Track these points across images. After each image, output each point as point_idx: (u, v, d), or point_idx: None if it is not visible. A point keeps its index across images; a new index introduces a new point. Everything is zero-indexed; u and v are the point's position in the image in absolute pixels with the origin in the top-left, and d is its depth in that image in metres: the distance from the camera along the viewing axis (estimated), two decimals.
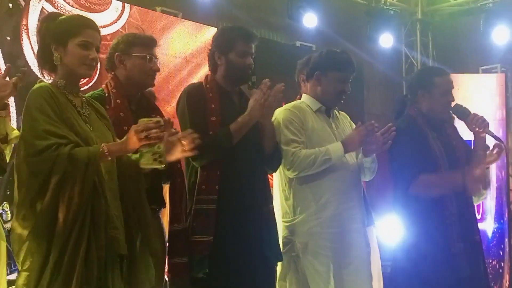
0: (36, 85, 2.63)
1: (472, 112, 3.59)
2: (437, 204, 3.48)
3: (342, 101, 3.65)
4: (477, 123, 3.54)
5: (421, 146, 3.53)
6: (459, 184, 3.45)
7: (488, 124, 3.55)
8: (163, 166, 2.63)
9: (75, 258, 2.44)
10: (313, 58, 3.68)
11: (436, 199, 3.48)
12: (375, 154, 3.58)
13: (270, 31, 8.08)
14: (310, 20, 7.83)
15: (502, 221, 8.16)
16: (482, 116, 3.58)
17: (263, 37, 7.82)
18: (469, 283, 3.47)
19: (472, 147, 3.71)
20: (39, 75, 2.84)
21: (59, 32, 2.66)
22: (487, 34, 8.64)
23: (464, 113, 3.60)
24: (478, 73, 8.91)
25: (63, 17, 2.75)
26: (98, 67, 3.42)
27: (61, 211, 2.44)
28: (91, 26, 2.72)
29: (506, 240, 8.16)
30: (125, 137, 2.59)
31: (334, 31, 8.14)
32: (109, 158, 2.56)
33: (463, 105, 3.66)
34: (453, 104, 3.63)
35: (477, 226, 3.66)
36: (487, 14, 8.62)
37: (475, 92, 8.27)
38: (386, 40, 8.80)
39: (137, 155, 2.64)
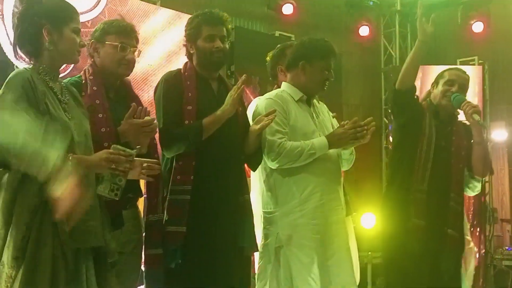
0: (16, 70, 2.55)
1: (466, 101, 3.69)
2: (408, 176, 3.69)
3: (324, 89, 3.66)
4: (466, 109, 3.64)
5: (414, 121, 3.74)
6: (420, 38, 3.73)
7: (477, 110, 3.63)
8: (117, 198, 2.60)
9: (34, 255, 2.39)
10: (295, 48, 3.67)
11: (409, 171, 3.68)
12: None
13: (249, 20, 8.04)
14: (289, 10, 7.82)
15: None
16: (473, 103, 3.69)
17: (242, 27, 7.79)
18: (428, 259, 3.63)
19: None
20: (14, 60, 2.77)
21: (54, 16, 2.61)
22: (465, 27, 8.69)
23: (458, 102, 3.70)
24: (456, 65, 8.96)
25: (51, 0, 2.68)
26: None
27: (16, 211, 2.40)
28: (77, 12, 2.70)
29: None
30: (94, 157, 2.56)
31: (313, 21, 8.13)
32: (70, 169, 2.43)
33: (460, 95, 3.75)
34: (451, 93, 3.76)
35: (455, 220, 3.73)
36: (465, 6, 8.67)
37: None
38: (364, 31, 8.82)
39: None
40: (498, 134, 8.95)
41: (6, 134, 2.33)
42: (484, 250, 8.10)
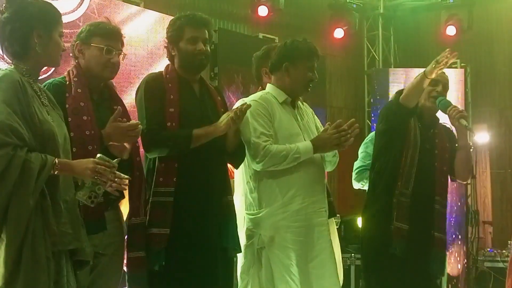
0: (4, 71, 2.53)
1: (452, 105, 3.69)
2: (393, 179, 3.68)
3: (309, 90, 3.66)
4: (453, 114, 3.65)
5: (398, 124, 3.73)
6: (426, 73, 3.60)
7: (463, 115, 3.64)
8: (92, 205, 2.60)
9: (34, 256, 2.41)
10: (278, 50, 3.66)
11: (393, 175, 3.68)
12: None
13: (233, 22, 8.04)
14: (272, 12, 7.84)
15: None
16: (459, 108, 3.72)
17: (226, 29, 7.79)
18: (408, 268, 3.62)
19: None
20: None
21: (45, 19, 2.61)
22: (447, 30, 8.74)
23: (444, 106, 3.71)
24: None
25: (37, 2, 2.66)
26: None
27: (12, 214, 2.40)
28: (61, 15, 2.71)
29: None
30: (80, 163, 2.55)
31: (297, 23, 8.15)
32: (56, 173, 2.49)
33: (445, 98, 3.76)
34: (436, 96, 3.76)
35: (439, 223, 3.76)
36: (447, 9, 8.73)
37: None
38: (347, 34, 8.85)
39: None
40: (480, 137, 9.01)
41: None
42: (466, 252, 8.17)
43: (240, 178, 3.73)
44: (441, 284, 3.93)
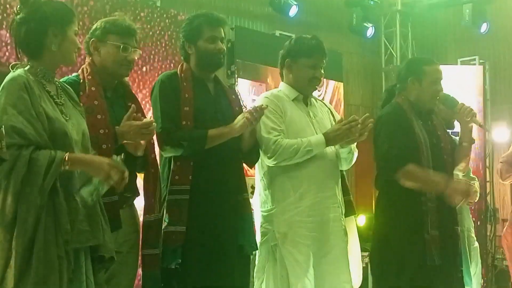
0: (12, 74, 2.56)
1: (459, 102, 3.62)
2: (415, 190, 3.50)
3: (316, 88, 3.64)
4: (465, 113, 3.56)
5: (407, 133, 3.55)
6: (440, 191, 3.46)
7: (475, 113, 3.59)
8: (91, 203, 2.59)
9: (45, 254, 2.41)
10: (284, 46, 3.65)
11: None
12: (354, 144, 3.60)
13: (250, 20, 8.03)
14: (290, 9, 7.82)
15: None
16: (469, 106, 3.62)
17: (243, 26, 7.78)
18: (440, 272, 3.50)
19: (458, 139, 3.76)
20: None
21: (59, 18, 2.62)
22: (466, 26, 8.68)
23: (452, 103, 3.64)
24: (457, 64, 8.95)
25: (51, 1, 2.67)
26: None
27: (20, 212, 2.42)
28: (76, 14, 2.72)
29: None
30: (95, 161, 2.56)
31: (314, 21, 8.13)
32: (67, 168, 2.49)
33: (450, 95, 3.69)
34: (441, 93, 3.66)
35: (457, 216, 3.67)
36: (467, 6, 8.66)
37: (454, 83, 8.31)
38: (366, 31, 8.81)
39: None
40: (499, 134, 8.93)
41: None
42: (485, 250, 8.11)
43: (256, 176, 3.72)
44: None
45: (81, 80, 3.05)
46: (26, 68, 2.59)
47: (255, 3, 8.10)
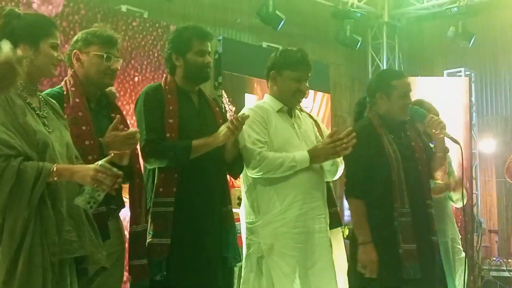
0: None
1: (428, 114, 3.61)
2: (386, 203, 3.50)
3: (300, 100, 3.64)
4: (434, 125, 3.56)
5: (374, 149, 3.55)
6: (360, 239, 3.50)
7: (444, 125, 3.57)
8: (91, 210, 2.61)
9: (29, 266, 2.40)
10: (270, 58, 3.65)
11: (384, 198, 3.51)
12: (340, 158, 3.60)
13: (237, 31, 8.07)
14: (277, 21, 7.85)
15: None
16: (438, 118, 3.61)
17: (230, 38, 7.81)
18: (421, 285, 3.48)
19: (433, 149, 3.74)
20: None
21: (31, 32, 2.61)
22: (453, 38, 8.75)
23: (420, 116, 3.63)
24: (442, 76, 9.01)
25: (27, 14, 2.68)
26: None
27: (8, 224, 2.41)
28: (56, 26, 2.71)
29: None
30: (81, 168, 2.55)
31: (301, 32, 8.17)
32: (55, 179, 2.48)
33: (420, 108, 3.69)
34: (410, 106, 3.65)
35: (433, 226, 3.65)
36: (452, 18, 8.73)
37: (440, 95, 8.37)
38: (352, 42, 8.86)
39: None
40: (485, 145, 8.99)
41: None
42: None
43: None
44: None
45: (65, 92, 3.05)
46: None
47: (242, 15, 8.14)
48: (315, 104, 8.25)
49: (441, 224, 4.14)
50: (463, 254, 4.53)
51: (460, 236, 4.60)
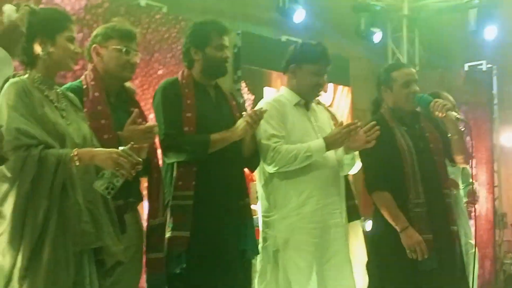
0: (11, 80, 2.58)
1: (433, 100, 3.60)
2: (401, 195, 3.53)
3: (318, 94, 3.64)
4: (438, 108, 3.55)
5: (387, 142, 3.57)
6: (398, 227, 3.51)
7: (450, 107, 3.56)
8: (109, 196, 2.62)
9: (55, 256, 2.44)
10: (289, 51, 3.67)
11: (399, 190, 3.54)
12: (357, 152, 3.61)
13: (256, 25, 8.04)
14: (297, 14, 7.82)
15: None
16: (443, 101, 3.61)
17: (249, 32, 7.79)
18: (439, 274, 3.49)
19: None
20: None
21: (47, 26, 2.65)
22: (474, 31, 8.67)
23: (425, 102, 3.62)
24: (464, 69, 8.96)
25: (43, 9, 2.73)
26: None
27: (30, 213, 2.44)
28: (72, 20, 2.75)
29: None
30: (101, 151, 2.58)
31: (321, 26, 8.13)
32: (77, 164, 2.52)
33: (425, 95, 3.69)
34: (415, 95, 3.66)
35: (452, 215, 3.66)
36: (474, 10, 8.65)
37: (462, 88, 8.33)
38: (373, 35, 8.81)
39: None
40: (507, 139, 8.92)
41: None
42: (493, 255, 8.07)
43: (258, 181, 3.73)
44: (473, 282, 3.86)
45: (84, 86, 3.08)
46: (25, 76, 2.64)
47: (261, 9, 8.11)
48: (336, 98, 8.23)
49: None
50: (474, 250, 4.53)
51: (471, 231, 4.59)
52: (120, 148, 2.59)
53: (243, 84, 7.01)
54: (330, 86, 7.91)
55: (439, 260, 3.49)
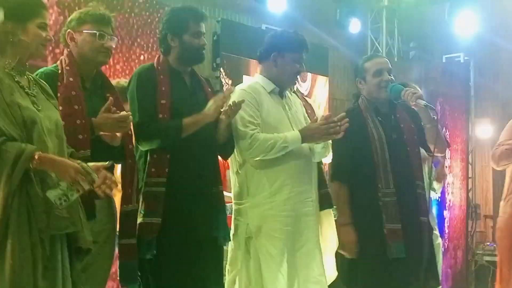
0: None
1: (403, 89, 3.64)
2: (370, 184, 3.59)
3: (295, 82, 3.67)
4: (409, 97, 3.59)
5: (359, 132, 3.63)
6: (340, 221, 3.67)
7: (419, 95, 3.60)
8: (60, 208, 2.58)
9: (19, 244, 2.44)
10: (268, 39, 3.68)
11: (369, 179, 3.60)
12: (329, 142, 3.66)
13: (236, 13, 8.03)
14: (277, 3, 7.83)
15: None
16: (412, 89, 3.65)
17: (229, 19, 7.78)
18: (405, 265, 3.55)
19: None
20: None
21: (17, 12, 2.64)
22: (452, 23, 8.73)
23: (397, 91, 3.66)
24: (442, 61, 9.02)
25: None
26: None
27: None
28: (46, 7, 2.74)
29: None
30: (64, 162, 2.56)
31: (301, 15, 8.14)
32: (36, 166, 2.49)
33: (397, 84, 3.72)
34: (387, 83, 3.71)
35: (424, 206, 3.71)
36: (451, 3, 8.71)
37: (439, 80, 8.40)
38: (352, 26, 8.84)
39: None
40: (483, 131, 9.00)
41: None
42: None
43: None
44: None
45: (59, 71, 3.07)
46: None
47: None
48: (315, 87, 8.26)
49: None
50: (440, 240, 4.65)
51: (436, 221, 4.69)
52: (82, 164, 2.57)
53: (222, 72, 7.01)
54: (309, 75, 7.92)
55: (407, 250, 3.54)
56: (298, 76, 3.67)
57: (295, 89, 4.07)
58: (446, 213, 8.09)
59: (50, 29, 2.78)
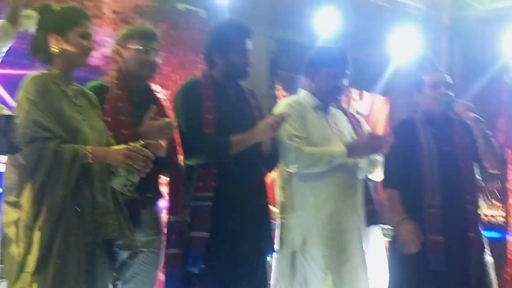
0: (32, 75, 2.70)
1: (456, 101, 3.66)
2: (415, 196, 3.59)
3: (338, 97, 3.68)
4: (460, 108, 3.62)
5: (411, 143, 3.66)
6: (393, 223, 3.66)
7: (471, 107, 3.60)
8: (129, 194, 2.70)
9: (65, 245, 2.53)
10: (309, 55, 3.71)
11: (415, 189, 3.59)
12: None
13: (294, 32, 8.06)
14: (331, 22, 7.82)
15: None
16: (465, 102, 3.65)
17: (286, 38, 7.81)
18: (445, 279, 3.50)
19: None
20: None
21: (59, 23, 2.75)
22: None
23: (448, 104, 3.67)
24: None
25: (60, 7, 2.82)
26: None
27: (46, 203, 2.53)
28: (88, 17, 2.84)
29: None
30: (113, 150, 2.68)
31: (356, 34, 8.10)
32: (90, 161, 2.61)
33: (450, 97, 3.71)
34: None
35: (474, 223, 3.66)
36: None
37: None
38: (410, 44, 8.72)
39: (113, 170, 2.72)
40: None
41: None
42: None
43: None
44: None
45: (108, 85, 3.18)
46: (43, 72, 2.74)
47: (298, 15, 8.11)
48: (373, 107, 8.28)
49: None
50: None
51: None
52: (131, 144, 2.66)
53: (278, 89, 7.06)
54: (367, 95, 7.97)
55: (450, 264, 3.50)
56: (338, 92, 3.64)
57: (348, 106, 4.07)
58: (509, 238, 7.85)
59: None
